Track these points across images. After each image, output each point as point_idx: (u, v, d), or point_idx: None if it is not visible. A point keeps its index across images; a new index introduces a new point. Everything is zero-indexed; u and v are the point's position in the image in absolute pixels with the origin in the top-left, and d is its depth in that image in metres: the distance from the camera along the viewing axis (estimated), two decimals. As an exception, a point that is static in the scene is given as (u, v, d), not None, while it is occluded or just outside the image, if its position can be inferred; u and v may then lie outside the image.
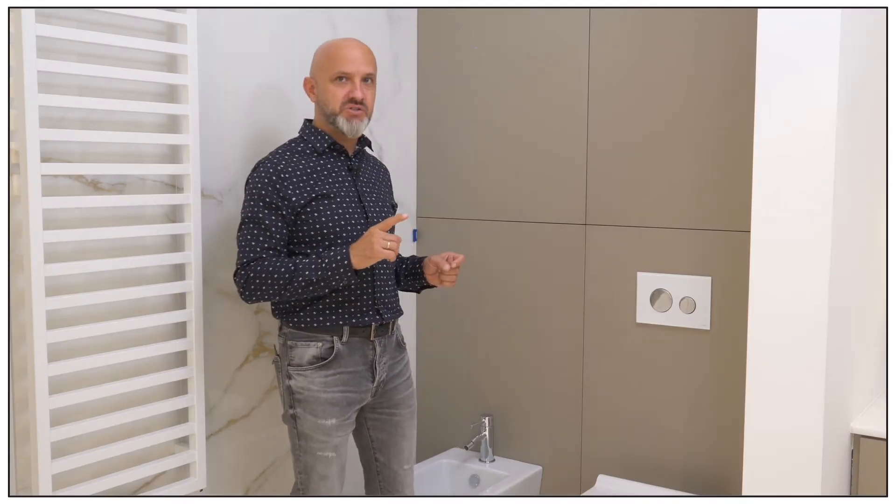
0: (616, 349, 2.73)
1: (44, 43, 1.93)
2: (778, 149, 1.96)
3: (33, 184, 1.89)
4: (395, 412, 2.32)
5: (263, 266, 2.08)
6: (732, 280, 2.49)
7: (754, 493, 2.03)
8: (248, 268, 2.09)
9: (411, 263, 2.39)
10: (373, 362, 2.22)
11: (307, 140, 2.24)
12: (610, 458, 2.76)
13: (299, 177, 2.16)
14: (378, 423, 2.32)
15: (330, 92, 2.19)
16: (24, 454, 1.97)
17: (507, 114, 2.89)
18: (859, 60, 2.02)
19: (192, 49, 2.20)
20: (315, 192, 2.16)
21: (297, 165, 2.17)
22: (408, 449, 2.37)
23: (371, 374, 2.22)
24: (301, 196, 2.14)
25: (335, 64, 2.18)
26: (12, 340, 1.95)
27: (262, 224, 2.12)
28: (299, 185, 2.15)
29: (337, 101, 2.18)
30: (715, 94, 2.50)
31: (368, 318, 2.20)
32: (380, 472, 2.36)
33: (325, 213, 2.15)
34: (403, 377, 2.34)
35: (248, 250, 2.11)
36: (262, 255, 2.10)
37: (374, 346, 2.22)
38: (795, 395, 1.97)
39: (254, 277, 2.08)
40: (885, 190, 2.25)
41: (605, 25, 2.69)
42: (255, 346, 2.52)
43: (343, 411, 2.18)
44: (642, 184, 2.64)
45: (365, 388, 2.22)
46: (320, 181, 2.18)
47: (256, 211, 2.12)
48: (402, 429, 2.34)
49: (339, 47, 2.20)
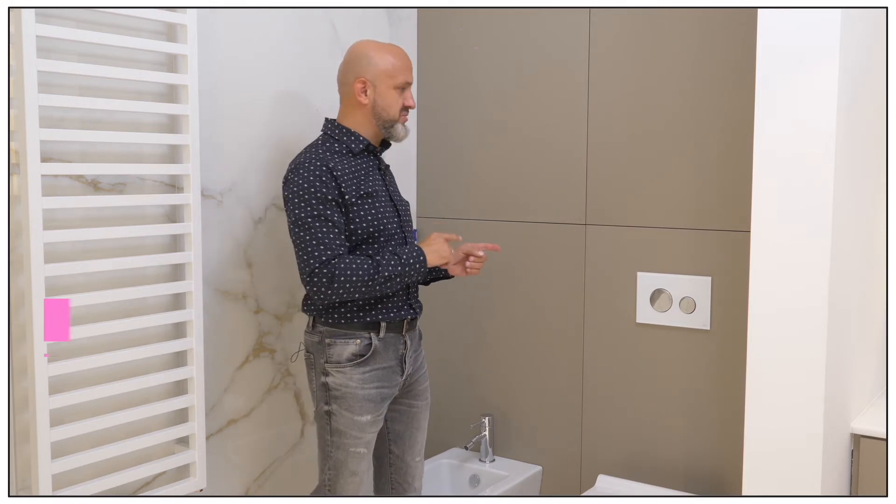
0: (616, 349, 2.73)
1: (44, 43, 1.94)
2: (778, 148, 1.96)
3: (33, 184, 1.89)
4: (413, 404, 2.37)
5: (346, 263, 2.09)
6: (732, 280, 2.49)
7: (754, 493, 2.03)
8: (331, 265, 2.09)
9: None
10: (402, 357, 2.27)
11: (341, 140, 2.25)
12: (610, 458, 2.76)
13: (348, 174, 2.19)
14: (397, 415, 2.36)
15: (393, 98, 2.25)
16: (24, 454, 1.97)
17: (507, 113, 2.89)
18: (859, 60, 2.02)
19: (192, 49, 2.20)
20: (362, 189, 2.19)
21: (342, 163, 2.20)
22: (421, 441, 2.42)
23: (401, 369, 2.27)
24: (352, 194, 2.17)
25: (401, 73, 2.25)
26: (12, 340, 1.95)
27: (331, 220, 2.12)
28: (350, 183, 2.18)
29: (397, 109, 2.26)
30: (715, 93, 2.50)
31: (404, 313, 2.25)
32: (392, 463, 2.39)
33: (370, 213, 2.19)
34: (423, 369, 2.40)
35: (324, 247, 2.10)
36: (340, 251, 2.12)
37: (406, 340, 2.27)
38: (795, 394, 1.97)
39: (339, 274, 2.08)
40: (885, 190, 2.25)
41: (605, 25, 2.69)
42: (255, 346, 2.52)
43: (377, 407, 2.22)
44: (642, 184, 2.64)
45: (395, 382, 2.26)
46: (363, 180, 2.22)
47: (322, 208, 2.12)
48: (418, 420, 2.39)
49: (401, 56, 2.27)
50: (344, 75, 2.28)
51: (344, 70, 2.29)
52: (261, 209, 2.52)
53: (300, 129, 2.62)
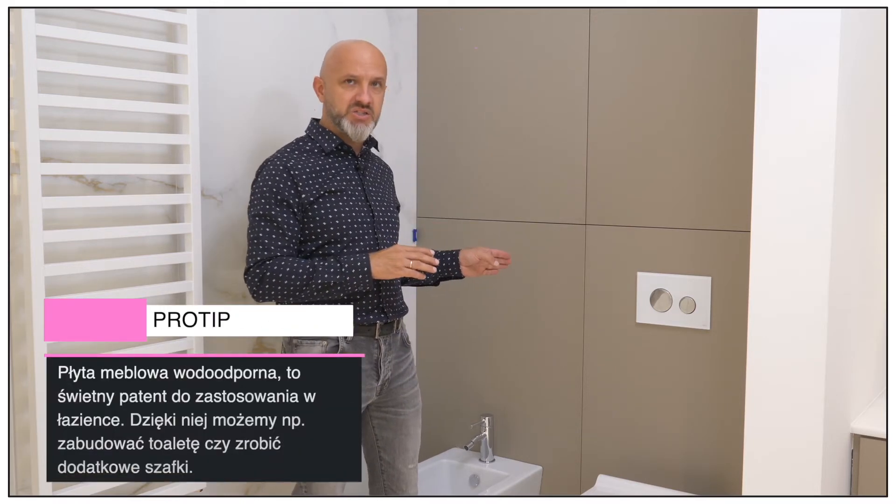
0: (616, 349, 2.73)
1: (44, 43, 1.93)
2: (778, 149, 1.96)
3: (33, 184, 1.89)
4: (400, 411, 2.33)
5: (280, 265, 2.08)
6: (732, 280, 2.49)
7: (754, 493, 2.03)
8: (264, 266, 2.09)
9: (439, 257, 2.34)
10: (378, 361, 2.22)
11: (314, 139, 2.24)
12: (610, 458, 2.76)
13: (308, 174, 2.16)
14: (383, 422, 2.33)
15: (337, 94, 2.19)
16: (24, 454, 1.97)
17: (507, 113, 2.89)
18: (859, 60, 2.02)
19: (192, 49, 2.20)
20: (324, 188, 2.16)
21: (306, 163, 2.18)
22: (412, 448, 2.38)
23: (376, 373, 2.22)
24: (311, 193, 2.14)
25: (344, 66, 2.18)
26: (12, 340, 1.95)
27: (275, 221, 2.11)
28: (309, 181, 2.15)
29: (343, 104, 2.18)
30: (715, 94, 2.50)
31: (373, 317, 2.20)
32: (384, 471, 2.36)
33: (332, 211, 2.15)
34: (408, 376, 2.34)
35: (262, 248, 2.10)
36: (277, 253, 2.10)
37: (379, 344, 2.22)
38: (795, 394, 1.97)
39: (270, 276, 2.07)
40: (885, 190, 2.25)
41: (605, 25, 2.69)
42: (254, 347, 2.52)
43: None
44: (642, 184, 2.64)
45: (370, 386, 2.22)
46: (328, 179, 2.18)
47: (269, 208, 2.11)
48: (406, 427, 2.35)
49: (348, 50, 2.20)
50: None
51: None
52: (261, 209, 2.51)
53: (300, 129, 2.61)
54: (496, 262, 2.32)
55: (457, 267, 2.36)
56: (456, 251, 2.37)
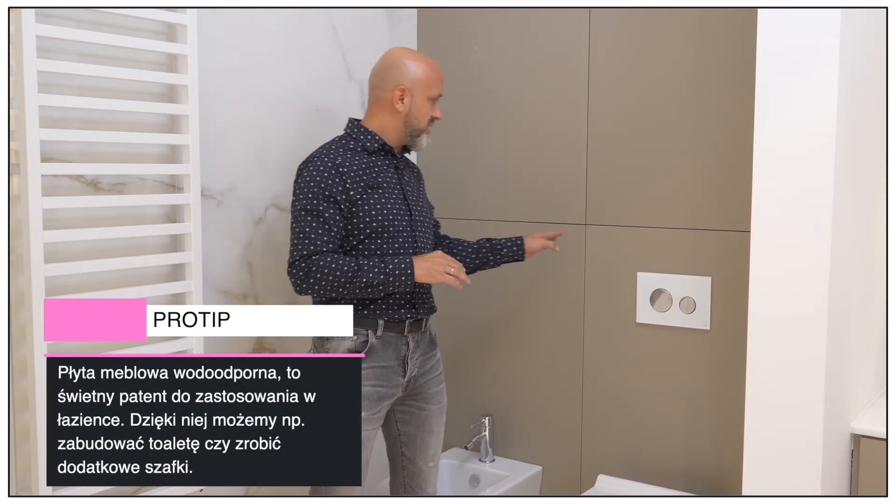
0: (616, 349, 2.73)
1: (44, 43, 1.93)
2: (778, 149, 1.96)
3: (33, 184, 1.89)
4: (424, 407, 2.37)
5: (326, 262, 2.11)
6: (732, 280, 2.49)
7: (754, 493, 2.03)
8: (310, 261, 2.12)
9: (502, 245, 2.53)
10: (405, 357, 2.26)
11: (357, 138, 2.28)
12: (610, 458, 2.76)
13: (355, 171, 2.21)
14: (406, 417, 2.36)
15: (425, 109, 2.30)
16: (24, 454, 1.97)
17: (506, 113, 2.88)
18: (859, 60, 2.02)
19: (192, 49, 2.20)
20: (370, 183, 2.21)
21: (352, 160, 2.22)
22: (434, 445, 2.41)
23: (402, 370, 2.26)
24: (357, 189, 2.18)
25: (437, 85, 2.32)
26: (12, 340, 1.95)
27: (322, 217, 2.14)
28: (355, 178, 2.19)
29: (426, 119, 2.31)
30: (715, 94, 2.50)
31: (404, 312, 2.24)
32: (405, 466, 2.39)
33: (374, 207, 2.20)
34: (435, 373, 2.39)
35: (308, 243, 2.13)
36: (323, 248, 2.13)
37: (408, 341, 2.26)
38: (795, 394, 1.97)
39: (315, 271, 2.11)
40: (886, 190, 2.25)
41: (605, 25, 2.69)
42: (254, 347, 2.52)
43: (373, 405, 2.21)
44: (642, 184, 2.64)
45: (396, 382, 2.25)
46: (371, 175, 2.23)
47: (316, 203, 2.15)
48: (429, 424, 2.39)
49: (434, 68, 2.33)
50: (381, 80, 2.30)
51: (381, 75, 2.31)
52: (261, 209, 2.52)
53: (300, 129, 2.62)
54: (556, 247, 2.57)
55: (522, 255, 2.53)
56: (520, 240, 2.53)
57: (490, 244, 2.53)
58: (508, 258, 2.53)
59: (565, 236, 2.78)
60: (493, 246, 2.53)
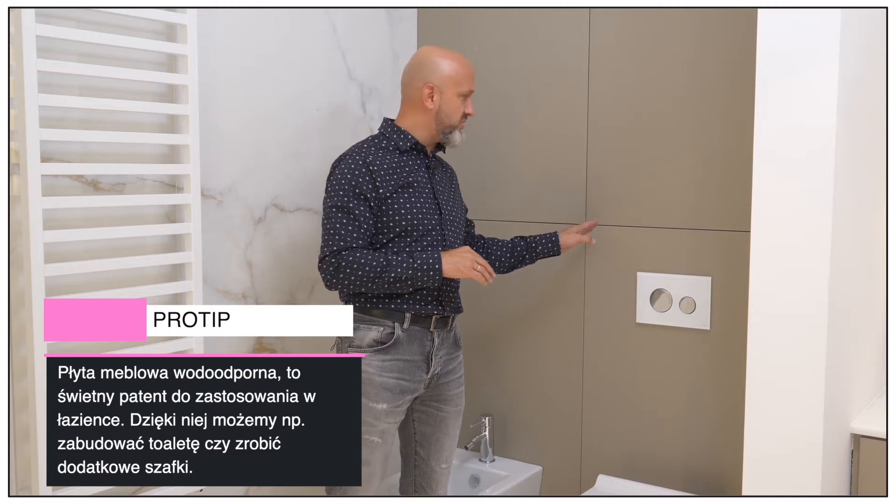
0: (616, 349, 2.73)
1: (44, 43, 1.93)
2: (778, 149, 1.96)
3: (33, 184, 1.89)
4: (442, 407, 2.37)
5: (355, 257, 2.14)
6: (732, 280, 2.49)
7: (754, 493, 2.03)
8: (340, 256, 2.15)
9: (536, 243, 2.56)
10: (429, 353, 2.27)
11: (390, 137, 2.30)
12: (610, 458, 2.76)
13: (386, 170, 2.23)
14: (424, 416, 2.37)
15: (456, 105, 2.31)
16: (24, 454, 1.97)
17: (506, 113, 2.88)
18: (859, 60, 2.02)
19: (192, 49, 2.20)
20: (400, 181, 2.23)
21: (383, 159, 2.25)
22: (448, 447, 2.42)
23: (426, 365, 2.27)
24: (387, 188, 2.20)
25: (466, 81, 2.31)
26: (12, 340, 1.95)
27: (353, 213, 2.17)
28: (386, 177, 2.22)
29: (459, 115, 2.32)
30: (715, 93, 2.50)
31: (431, 307, 2.26)
32: (417, 466, 2.41)
33: (404, 206, 2.22)
34: (456, 374, 2.39)
35: (339, 238, 2.16)
36: (353, 244, 2.16)
37: (433, 337, 2.27)
38: (795, 395, 1.97)
39: (345, 266, 2.13)
40: (885, 190, 2.25)
41: (605, 25, 2.69)
42: (255, 346, 2.52)
43: (395, 398, 2.22)
44: (642, 184, 2.64)
45: (419, 378, 2.26)
46: (403, 174, 2.26)
47: (347, 200, 2.18)
48: (446, 426, 2.39)
49: (463, 64, 2.32)
50: (410, 79, 2.32)
51: (411, 74, 2.33)
52: (261, 209, 2.52)
53: (300, 129, 2.62)
54: (591, 239, 2.61)
55: (557, 251, 2.56)
56: (554, 236, 2.55)
57: (525, 242, 2.56)
58: (544, 254, 2.57)
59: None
60: (528, 244, 2.56)
